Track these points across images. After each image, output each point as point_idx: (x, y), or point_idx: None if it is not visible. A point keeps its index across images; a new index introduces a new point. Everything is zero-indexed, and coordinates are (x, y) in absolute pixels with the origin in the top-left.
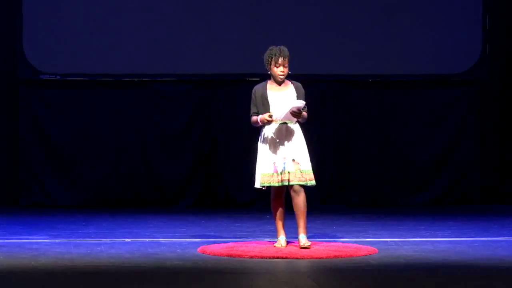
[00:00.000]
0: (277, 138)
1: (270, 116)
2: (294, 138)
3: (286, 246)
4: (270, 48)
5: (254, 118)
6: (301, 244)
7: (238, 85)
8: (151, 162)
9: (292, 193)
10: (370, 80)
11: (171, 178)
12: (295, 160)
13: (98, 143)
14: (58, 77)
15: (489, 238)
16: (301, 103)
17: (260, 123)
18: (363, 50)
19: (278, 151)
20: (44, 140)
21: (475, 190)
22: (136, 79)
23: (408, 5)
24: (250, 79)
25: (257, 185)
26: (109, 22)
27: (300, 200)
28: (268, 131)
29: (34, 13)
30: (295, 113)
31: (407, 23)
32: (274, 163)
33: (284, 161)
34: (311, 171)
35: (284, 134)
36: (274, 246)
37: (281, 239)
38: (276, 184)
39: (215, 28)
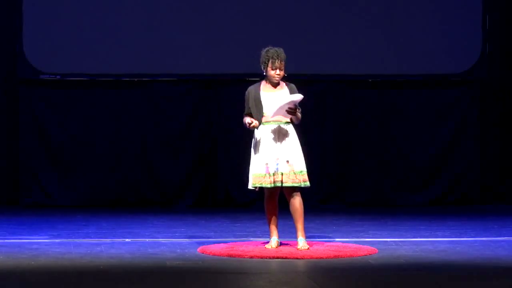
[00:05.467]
0: (270, 139)
1: (251, 122)
2: (287, 139)
3: (277, 248)
4: (267, 49)
5: (244, 119)
6: (299, 247)
7: (238, 85)
8: (151, 162)
9: (288, 196)
10: (370, 80)
11: (171, 178)
12: (289, 162)
13: (98, 143)
14: (58, 77)
15: (489, 238)
16: (299, 96)
17: (244, 125)
18: (363, 50)
19: (270, 152)
20: (44, 140)
21: (475, 190)
22: (136, 79)
23: (408, 5)
24: (250, 79)
25: (250, 186)
26: (109, 22)
27: (297, 203)
28: (261, 132)
29: (34, 13)
30: (291, 110)
31: (407, 23)
32: (267, 164)
33: (277, 162)
34: (305, 172)
35: (277, 134)
36: (265, 248)
37: (273, 241)
38: (268, 186)
39: (215, 28)
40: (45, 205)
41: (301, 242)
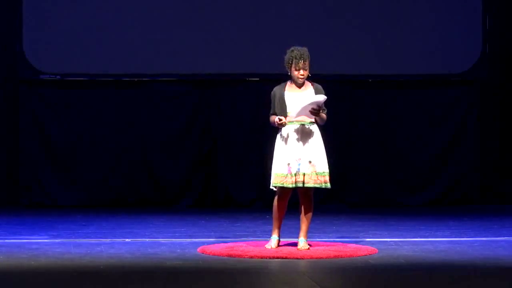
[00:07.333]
0: (294, 139)
1: (280, 120)
2: (311, 139)
3: (276, 247)
4: (291, 49)
5: (270, 118)
6: (299, 247)
7: (238, 85)
8: (151, 162)
9: (303, 196)
10: (370, 80)
11: (171, 178)
12: (312, 162)
13: (98, 143)
14: (58, 77)
15: (489, 238)
16: (323, 97)
17: (272, 124)
18: (363, 50)
19: (293, 152)
20: (44, 140)
21: (475, 190)
22: (136, 79)
23: (408, 5)
24: (250, 79)
25: (271, 185)
26: (109, 22)
27: (309, 205)
28: (286, 131)
29: (34, 13)
30: (314, 111)
31: (407, 23)
32: (289, 164)
33: (299, 163)
34: (327, 173)
35: (301, 135)
36: (265, 248)
37: (273, 239)
38: (290, 186)
39: (215, 28)
40: (45, 205)
41: (302, 243)
